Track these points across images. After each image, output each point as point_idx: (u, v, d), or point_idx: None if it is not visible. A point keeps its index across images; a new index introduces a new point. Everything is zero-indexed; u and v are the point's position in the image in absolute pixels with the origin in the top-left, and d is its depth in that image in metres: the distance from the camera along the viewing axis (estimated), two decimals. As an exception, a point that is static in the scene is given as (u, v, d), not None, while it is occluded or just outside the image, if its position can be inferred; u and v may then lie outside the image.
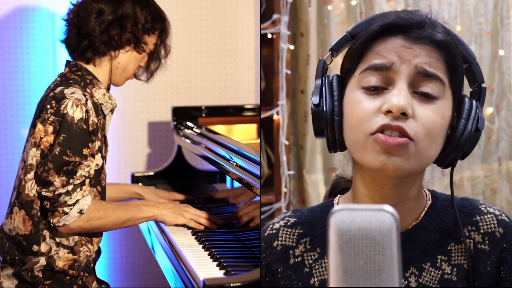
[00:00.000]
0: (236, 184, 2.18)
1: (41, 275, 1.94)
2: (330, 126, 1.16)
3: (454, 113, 1.15)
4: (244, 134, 2.91)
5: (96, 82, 2.04)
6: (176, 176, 2.75)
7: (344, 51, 1.22)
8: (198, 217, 2.10)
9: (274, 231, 1.25)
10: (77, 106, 1.89)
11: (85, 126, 1.90)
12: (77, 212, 1.88)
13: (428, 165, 1.16)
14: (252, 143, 2.55)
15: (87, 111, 1.91)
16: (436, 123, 1.09)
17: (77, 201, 1.88)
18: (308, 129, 3.03)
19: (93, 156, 1.96)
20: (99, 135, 1.98)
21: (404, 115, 1.07)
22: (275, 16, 2.82)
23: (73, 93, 1.91)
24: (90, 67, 2.06)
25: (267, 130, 2.96)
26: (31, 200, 1.94)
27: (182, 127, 2.76)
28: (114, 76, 2.11)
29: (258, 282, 1.49)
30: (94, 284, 2.04)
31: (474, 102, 1.16)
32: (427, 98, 1.10)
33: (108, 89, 2.13)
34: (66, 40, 2.09)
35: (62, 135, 1.87)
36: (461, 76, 1.16)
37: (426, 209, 1.20)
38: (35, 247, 1.94)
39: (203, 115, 2.88)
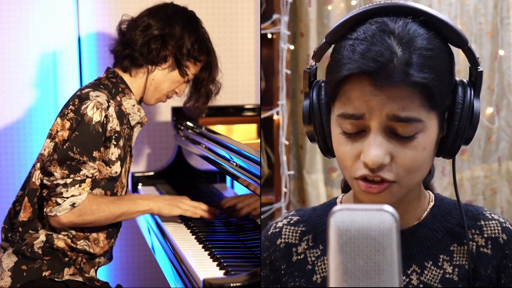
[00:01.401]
0: (236, 184, 2.18)
1: (40, 252, 1.98)
2: (323, 143, 1.17)
3: (444, 115, 1.11)
4: (244, 134, 2.91)
5: (128, 91, 2.09)
6: (176, 176, 2.75)
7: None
8: (195, 208, 2.11)
9: (277, 230, 1.26)
10: (97, 109, 1.93)
11: (101, 130, 1.94)
12: (69, 205, 1.92)
13: (420, 183, 1.15)
14: (252, 143, 2.55)
15: (106, 116, 1.95)
16: (416, 159, 1.07)
17: (72, 195, 1.91)
18: (308, 129, 3.02)
19: (106, 162, 1.99)
20: (121, 143, 2.02)
21: (382, 164, 1.05)
22: (275, 16, 2.82)
23: (97, 96, 1.97)
24: (126, 77, 2.12)
25: (267, 130, 2.96)
26: (36, 189, 1.99)
27: (182, 127, 2.76)
28: (146, 92, 2.16)
29: (258, 282, 1.49)
30: (92, 271, 2.06)
31: (467, 93, 1.10)
32: (406, 138, 1.06)
33: (139, 102, 2.16)
34: (113, 48, 2.16)
35: (76, 133, 1.92)
36: (443, 88, 1.07)
37: (428, 209, 1.20)
38: (32, 232, 1.99)
39: (203, 115, 2.87)
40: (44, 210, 1.94)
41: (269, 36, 2.88)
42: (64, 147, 1.91)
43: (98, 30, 2.93)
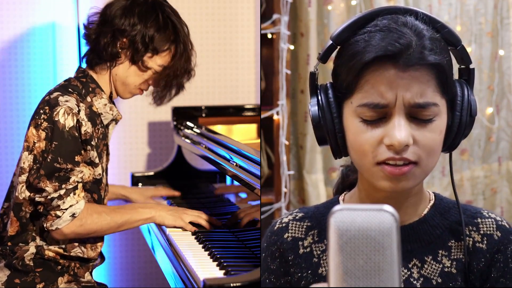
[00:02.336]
0: (236, 184, 2.18)
1: (32, 264, 1.95)
2: (334, 141, 1.19)
3: (448, 107, 1.18)
4: (244, 134, 2.91)
5: (98, 91, 2.04)
6: (176, 176, 2.75)
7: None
8: (197, 217, 2.08)
9: (283, 225, 1.30)
10: (68, 114, 1.90)
11: (77, 134, 1.91)
12: (70, 216, 1.89)
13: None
14: (252, 143, 2.55)
15: (78, 121, 1.92)
16: (435, 141, 1.14)
17: (70, 205, 1.89)
18: (308, 129, 3.02)
19: (88, 163, 1.97)
20: (94, 143, 1.98)
21: (406, 146, 1.11)
22: (275, 16, 2.82)
23: (66, 101, 1.92)
24: (94, 74, 2.06)
25: (267, 130, 2.96)
26: (20, 203, 1.95)
27: (182, 127, 2.75)
28: (116, 87, 2.09)
29: (258, 282, 1.49)
30: (87, 275, 2.04)
31: (465, 89, 1.18)
32: (424, 121, 1.13)
33: (111, 97, 2.10)
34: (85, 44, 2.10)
35: (54, 142, 1.89)
36: (451, 76, 1.17)
37: (429, 206, 1.26)
38: (21, 245, 1.96)
39: (203, 115, 2.87)
40: (45, 226, 1.90)
41: (269, 36, 2.87)
42: (48, 160, 1.88)
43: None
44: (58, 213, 1.88)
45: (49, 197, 1.88)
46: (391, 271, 0.87)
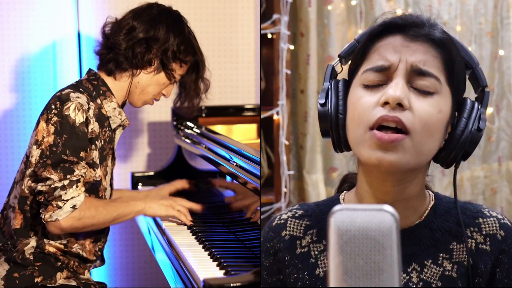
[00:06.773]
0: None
1: (31, 258, 1.97)
2: (335, 125, 1.20)
3: (455, 111, 1.19)
4: (244, 134, 2.91)
5: (109, 94, 2.07)
6: (176, 176, 2.74)
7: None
8: (187, 209, 2.13)
9: (282, 221, 1.29)
10: (79, 110, 1.93)
11: (85, 130, 1.94)
12: (70, 207, 1.90)
13: (426, 161, 1.18)
14: (252, 143, 2.55)
15: (87, 118, 1.95)
16: (432, 116, 1.13)
17: (72, 197, 1.90)
18: (308, 129, 3.03)
19: (89, 165, 1.98)
20: (99, 145, 2.00)
21: (400, 106, 1.11)
22: (275, 16, 2.82)
23: (77, 97, 1.96)
24: (109, 80, 2.10)
25: (267, 130, 2.96)
26: (25, 196, 1.98)
27: (182, 127, 2.76)
28: (132, 95, 2.13)
29: (258, 282, 1.49)
30: (86, 273, 2.05)
31: (476, 103, 1.20)
32: (423, 92, 1.14)
33: (122, 105, 2.14)
34: (98, 50, 2.13)
35: (64, 135, 1.91)
36: (459, 73, 1.19)
37: (429, 208, 1.24)
38: (22, 239, 1.98)
39: (203, 115, 2.87)
40: (43, 217, 1.90)
41: (269, 36, 2.88)
42: (57, 151, 1.90)
43: (98, 24, 2.92)
44: (60, 203, 1.89)
45: (52, 186, 1.88)
46: (391, 271, 0.87)
